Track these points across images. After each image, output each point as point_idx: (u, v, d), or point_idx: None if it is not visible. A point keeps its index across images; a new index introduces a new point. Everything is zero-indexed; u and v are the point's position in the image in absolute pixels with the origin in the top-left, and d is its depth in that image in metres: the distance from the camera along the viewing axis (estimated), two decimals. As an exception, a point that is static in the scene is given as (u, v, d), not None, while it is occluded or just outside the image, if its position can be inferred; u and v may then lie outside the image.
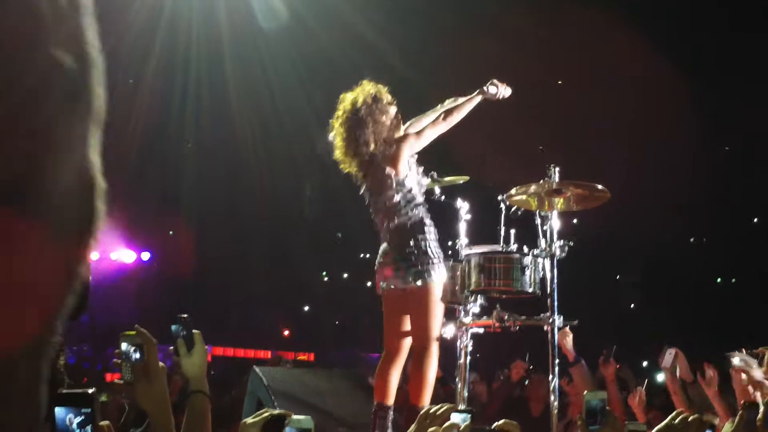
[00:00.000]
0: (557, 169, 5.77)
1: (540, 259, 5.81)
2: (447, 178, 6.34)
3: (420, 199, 5.71)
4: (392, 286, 5.56)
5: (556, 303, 5.69)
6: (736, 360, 5.74)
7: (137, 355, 2.67)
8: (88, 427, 1.94)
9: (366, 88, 5.72)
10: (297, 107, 15.70)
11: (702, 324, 14.22)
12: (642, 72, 14.28)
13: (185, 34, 15.16)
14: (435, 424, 2.51)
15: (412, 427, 2.61)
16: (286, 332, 21.18)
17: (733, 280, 18.00)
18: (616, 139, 14.95)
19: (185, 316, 3.03)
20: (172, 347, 2.99)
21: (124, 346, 2.69)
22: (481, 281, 5.77)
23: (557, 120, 15.98)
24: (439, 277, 5.51)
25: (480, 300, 5.95)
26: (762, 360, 5.58)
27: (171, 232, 20.49)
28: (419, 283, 5.45)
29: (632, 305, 18.68)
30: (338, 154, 5.76)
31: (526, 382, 8.68)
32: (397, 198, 5.60)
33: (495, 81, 5.98)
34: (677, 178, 15.13)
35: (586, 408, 3.18)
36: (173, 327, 3.00)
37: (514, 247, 5.93)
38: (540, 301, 5.79)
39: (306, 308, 20.46)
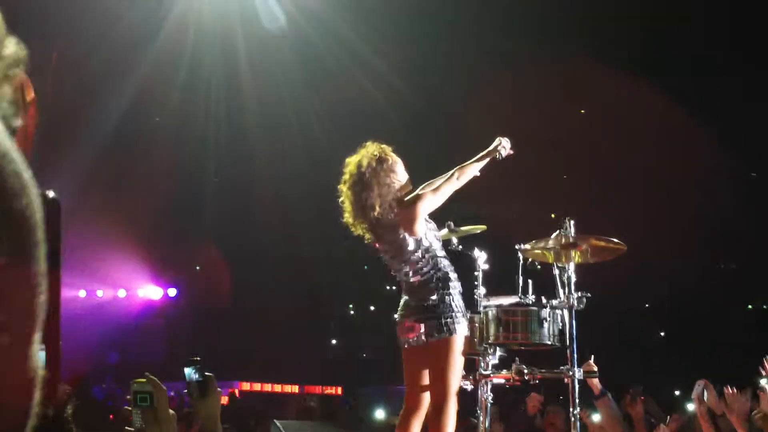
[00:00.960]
0: (572, 222, 5.75)
1: (558, 311, 5.78)
2: (464, 228, 6.30)
3: (441, 252, 5.67)
4: (413, 342, 5.51)
5: (576, 355, 5.66)
6: (763, 381, 5.77)
7: (147, 403, 2.71)
8: None
9: (369, 150, 5.65)
10: (318, 143, 15.79)
11: (734, 350, 14.03)
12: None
13: (208, 69, 15.36)
14: None
15: None
16: (313, 366, 21.16)
17: (765, 306, 17.83)
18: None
19: (198, 359, 3.05)
20: (186, 390, 3.03)
21: (134, 393, 2.73)
22: (499, 335, 5.72)
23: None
24: (462, 331, 5.46)
25: (499, 351, 5.90)
26: None
27: (197, 267, 20.59)
28: (442, 337, 5.39)
29: (661, 334, 18.55)
30: (347, 217, 5.75)
31: (543, 414, 8.65)
32: (417, 256, 5.58)
33: (503, 140, 5.94)
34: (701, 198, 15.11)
35: None
36: (186, 370, 3.02)
37: (531, 298, 5.89)
38: (559, 350, 5.76)
39: (333, 342, 20.45)
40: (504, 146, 5.82)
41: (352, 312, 19.26)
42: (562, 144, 15.29)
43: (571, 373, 5.62)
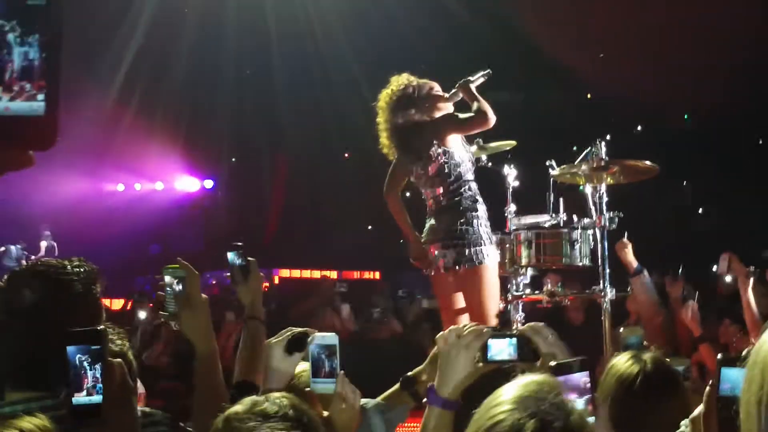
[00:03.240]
0: (603, 143, 5.65)
1: (590, 231, 5.74)
2: (493, 144, 6.20)
3: (471, 175, 5.61)
4: (441, 270, 5.49)
5: (607, 275, 5.64)
6: None
7: (180, 287, 2.76)
8: (98, 365, 2.02)
9: (398, 80, 5.70)
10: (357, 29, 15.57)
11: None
12: None
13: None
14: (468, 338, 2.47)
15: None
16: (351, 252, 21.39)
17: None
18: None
19: (240, 244, 3.11)
20: (228, 274, 3.11)
21: (167, 278, 2.78)
22: (531, 257, 5.72)
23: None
24: (491, 257, 5.42)
25: (530, 271, 5.89)
26: None
27: (233, 159, 20.65)
28: (472, 266, 5.37)
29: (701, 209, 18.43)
30: (383, 139, 5.75)
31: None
32: (446, 170, 5.53)
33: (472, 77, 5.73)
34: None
35: (623, 345, 3.15)
36: (229, 255, 3.09)
37: (563, 217, 5.84)
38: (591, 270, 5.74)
39: (369, 227, 20.56)
40: (471, 80, 5.61)
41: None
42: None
43: (603, 293, 5.63)
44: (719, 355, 1.96)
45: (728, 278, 7.65)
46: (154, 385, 7.10)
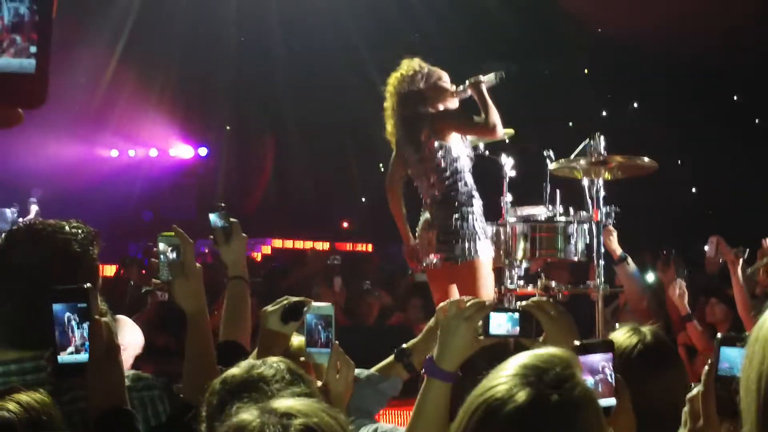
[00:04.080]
0: (602, 137, 5.62)
1: (585, 225, 5.74)
2: None
3: (468, 169, 5.61)
4: (434, 264, 5.51)
5: (602, 270, 5.65)
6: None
7: (174, 255, 2.75)
8: (85, 324, 2.01)
9: (406, 65, 5.67)
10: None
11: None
12: None
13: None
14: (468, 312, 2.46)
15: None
16: (345, 224, 21.38)
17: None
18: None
19: (223, 205, 3.12)
20: (210, 236, 3.10)
21: (161, 246, 2.77)
22: (526, 251, 5.73)
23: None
24: (485, 252, 5.44)
25: (525, 264, 5.90)
26: None
27: (228, 128, 20.56)
28: (465, 261, 5.38)
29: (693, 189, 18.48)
30: (389, 127, 5.76)
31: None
32: (443, 165, 5.52)
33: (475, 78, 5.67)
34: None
35: None
36: (211, 217, 3.09)
37: (559, 209, 5.83)
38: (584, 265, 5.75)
39: (363, 200, 20.56)
40: (483, 81, 5.56)
41: (382, 170, 19.28)
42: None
43: (597, 289, 5.63)
44: (718, 335, 1.95)
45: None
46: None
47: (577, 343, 2.04)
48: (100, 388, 2.04)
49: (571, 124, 17.67)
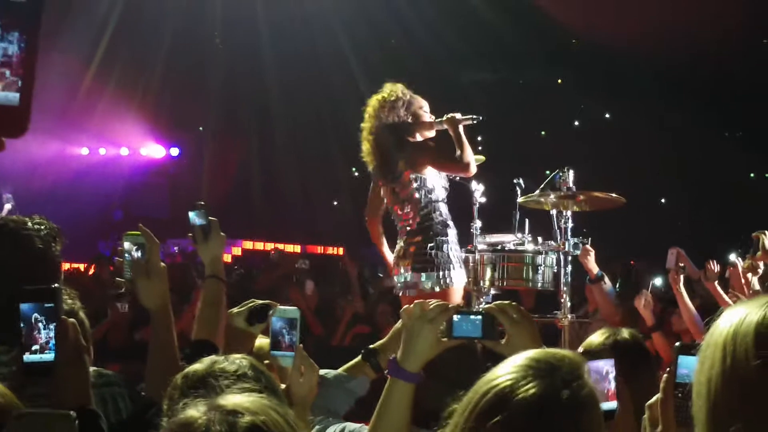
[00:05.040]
0: (571, 171, 5.70)
1: (553, 255, 5.79)
2: None
3: (443, 199, 5.66)
4: (408, 292, 5.53)
5: (569, 301, 5.72)
6: (732, 257, 6.05)
7: (139, 254, 2.74)
8: (52, 324, 2.00)
9: (384, 91, 5.71)
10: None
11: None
12: None
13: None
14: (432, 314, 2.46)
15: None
16: (316, 227, 21.36)
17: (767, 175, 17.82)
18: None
19: (202, 204, 3.11)
20: (190, 234, 3.09)
21: (127, 244, 2.75)
22: (493, 278, 5.78)
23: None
24: (459, 282, 5.49)
25: (492, 291, 5.92)
26: (757, 245, 5.67)
27: (200, 128, 20.48)
28: (438, 289, 5.42)
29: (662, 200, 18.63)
30: (365, 150, 5.77)
31: None
32: (417, 196, 5.56)
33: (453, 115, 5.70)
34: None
35: None
36: (191, 215, 3.08)
37: (528, 237, 5.88)
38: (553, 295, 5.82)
39: (335, 203, 20.55)
40: (459, 119, 5.59)
41: (356, 174, 19.29)
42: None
43: (563, 318, 5.70)
44: (677, 343, 2.00)
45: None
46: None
47: (581, 349, 2.08)
48: (66, 387, 2.02)
49: (543, 133, 17.83)
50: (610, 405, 2.07)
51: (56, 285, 2.07)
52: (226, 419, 1.46)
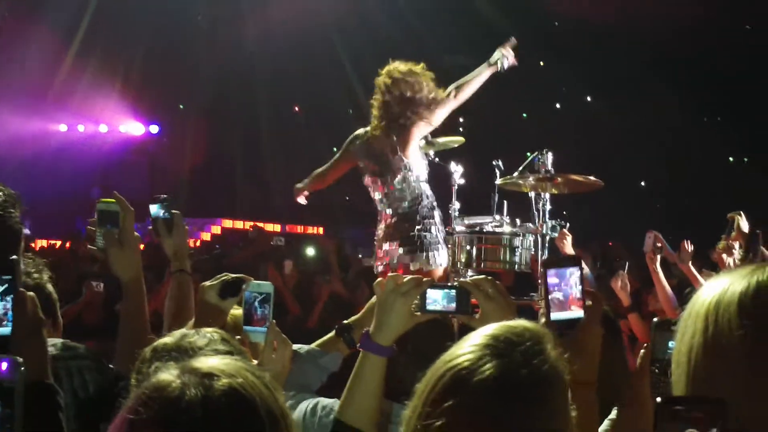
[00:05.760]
0: (549, 154, 5.69)
1: (530, 237, 5.79)
2: (441, 140, 6.24)
3: (425, 177, 5.70)
4: (392, 270, 5.56)
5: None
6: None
7: (112, 223, 2.69)
8: (9, 297, 1.97)
9: (413, 67, 5.87)
10: None
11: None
12: None
13: None
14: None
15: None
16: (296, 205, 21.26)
17: (746, 159, 17.90)
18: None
19: (165, 196, 3.07)
20: (150, 227, 3.06)
21: (99, 212, 2.71)
22: (471, 260, 5.77)
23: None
24: (442, 261, 5.55)
25: (470, 272, 5.92)
26: (732, 225, 5.70)
27: (181, 106, 20.33)
28: (423, 268, 5.47)
29: (642, 183, 18.70)
30: (375, 113, 5.92)
31: None
32: (407, 177, 5.60)
33: (504, 50, 5.82)
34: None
35: None
36: (153, 208, 3.03)
37: (506, 219, 5.88)
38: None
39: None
40: (506, 56, 5.70)
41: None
42: None
43: (540, 300, 5.67)
44: (654, 319, 2.00)
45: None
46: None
47: (544, 258, 2.05)
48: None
49: (525, 115, 17.81)
50: (572, 314, 1.97)
51: (14, 257, 2.02)
52: (202, 382, 1.36)
